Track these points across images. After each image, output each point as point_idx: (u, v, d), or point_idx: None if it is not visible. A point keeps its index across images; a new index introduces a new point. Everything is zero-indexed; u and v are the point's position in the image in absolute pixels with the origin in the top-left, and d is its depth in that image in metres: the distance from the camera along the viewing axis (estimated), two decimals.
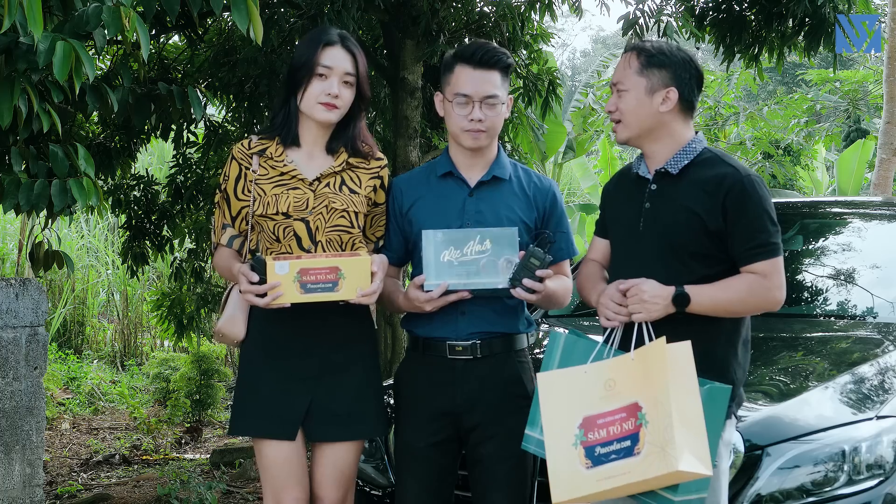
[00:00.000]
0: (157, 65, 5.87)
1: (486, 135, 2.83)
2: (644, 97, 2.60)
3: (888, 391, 3.12)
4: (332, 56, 2.81)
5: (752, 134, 12.82)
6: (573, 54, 43.19)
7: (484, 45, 2.86)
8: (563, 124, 12.21)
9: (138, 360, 10.98)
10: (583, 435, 2.39)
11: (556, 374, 2.52)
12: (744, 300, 2.53)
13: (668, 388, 2.31)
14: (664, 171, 2.62)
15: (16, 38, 3.17)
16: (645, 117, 2.61)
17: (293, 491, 2.83)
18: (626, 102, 2.62)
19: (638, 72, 2.61)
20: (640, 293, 2.50)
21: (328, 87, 2.79)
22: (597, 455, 2.36)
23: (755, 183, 2.56)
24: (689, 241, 2.56)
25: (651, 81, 2.60)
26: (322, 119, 2.83)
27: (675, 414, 2.29)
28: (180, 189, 6.50)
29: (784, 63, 6.08)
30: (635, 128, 2.63)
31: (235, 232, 2.91)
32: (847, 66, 19.03)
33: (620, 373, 2.43)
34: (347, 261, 2.69)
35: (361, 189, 2.88)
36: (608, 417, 2.38)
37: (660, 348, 2.37)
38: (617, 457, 2.34)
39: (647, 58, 2.61)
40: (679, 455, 2.25)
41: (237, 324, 2.87)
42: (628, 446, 2.33)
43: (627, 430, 2.35)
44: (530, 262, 2.69)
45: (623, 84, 2.63)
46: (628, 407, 2.37)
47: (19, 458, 3.97)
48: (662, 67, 2.60)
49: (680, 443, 2.27)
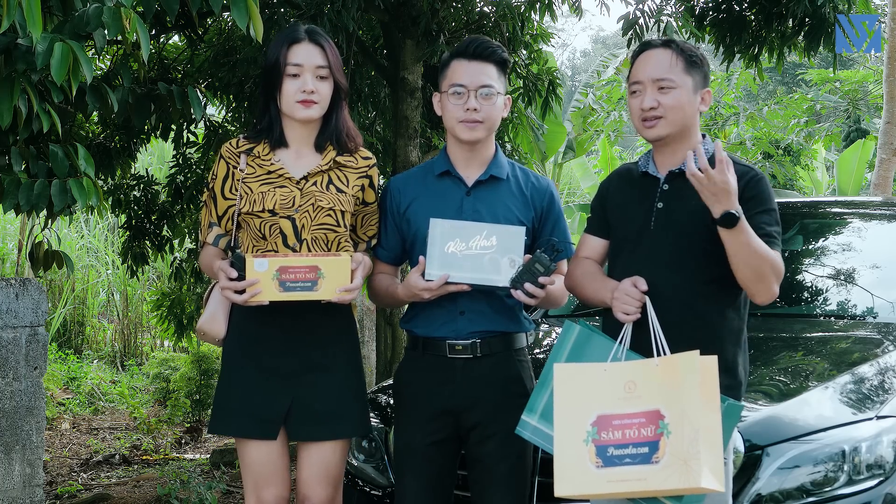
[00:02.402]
0: (157, 65, 5.87)
1: (483, 126, 2.83)
2: (692, 96, 2.64)
3: (888, 391, 3.12)
4: (299, 53, 2.81)
5: (752, 134, 12.83)
6: (573, 54, 43.24)
7: (478, 38, 2.88)
8: (563, 124, 12.21)
9: (138, 360, 10.98)
10: (596, 433, 2.37)
11: (575, 367, 2.50)
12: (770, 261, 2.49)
13: (697, 402, 2.31)
14: (679, 171, 2.63)
15: (15, 39, 3.17)
16: (688, 116, 2.64)
17: (274, 489, 2.84)
18: (675, 98, 2.61)
19: (685, 70, 2.63)
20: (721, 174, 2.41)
21: (302, 85, 2.79)
22: (609, 455, 2.35)
23: (767, 181, 2.63)
24: (704, 240, 2.55)
25: (695, 81, 2.64)
26: (303, 117, 2.82)
27: (703, 430, 2.28)
28: (180, 189, 6.50)
29: (784, 63, 6.08)
30: (678, 124, 2.63)
31: (221, 231, 2.90)
32: (847, 66, 19.03)
33: (643, 377, 2.40)
34: (327, 260, 2.69)
35: (349, 188, 2.88)
36: (626, 420, 2.36)
37: (691, 360, 2.35)
38: (632, 461, 2.32)
39: (688, 57, 2.64)
40: (702, 471, 2.25)
41: (217, 322, 2.86)
42: (646, 453, 2.31)
43: (646, 437, 2.33)
44: (535, 267, 2.69)
45: (671, 81, 2.62)
46: (649, 413, 2.35)
47: (19, 458, 3.97)
48: (700, 68, 2.65)
49: (704, 458, 2.26)
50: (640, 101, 2.64)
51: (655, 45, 2.68)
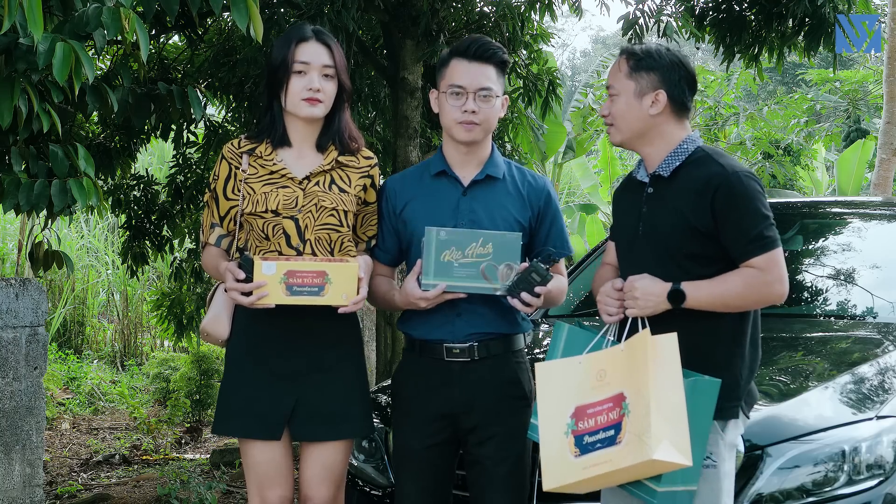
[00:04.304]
0: (157, 65, 5.87)
1: (480, 128, 2.82)
2: (633, 100, 2.61)
3: (888, 391, 3.12)
4: (307, 51, 2.81)
5: (752, 134, 12.83)
6: (573, 54, 43.20)
7: (479, 38, 2.86)
8: (563, 124, 12.20)
9: (138, 360, 10.99)
10: (574, 424, 2.44)
11: (553, 363, 2.56)
12: (742, 294, 2.52)
13: (648, 378, 2.35)
14: (658, 174, 2.63)
15: (16, 39, 3.17)
16: (634, 120, 2.63)
17: (278, 489, 2.84)
18: (617, 106, 2.64)
19: (627, 75, 2.63)
20: (632, 290, 2.53)
21: (308, 83, 2.79)
22: (584, 444, 2.41)
23: (742, 179, 2.52)
24: (683, 244, 2.56)
25: (640, 84, 2.61)
26: (307, 115, 2.81)
27: (654, 403, 2.32)
28: (180, 189, 6.50)
29: (784, 63, 6.09)
30: (626, 131, 2.65)
31: (224, 231, 2.90)
32: (847, 66, 19.02)
33: (611, 364, 2.47)
34: (335, 266, 2.69)
35: (351, 188, 2.88)
36: (597, 407, 2.43)
37: (644, 339, 2.41)
38: (602, 445, 2.39)
39: (635, 61, 2.62)
40: (655, 444, 2.28)
41: (221, 323, 2.87)
42: (612, 435, 2.38)
43: (612, 420, 2.40)
44: (531, 276, 2.69)
45: (614, 88, 2.65)
46: (615, 397, 2.41)
47: (19, 458, 3.97)
48: (651, 70, 2.61)
49: (656, 432, 2.29)
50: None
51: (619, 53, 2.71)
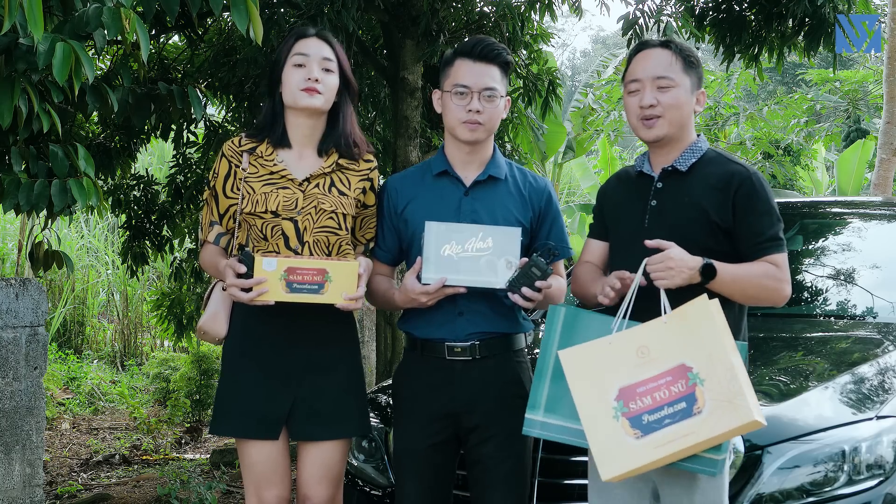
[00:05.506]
0: (157, 65, 5.87)
1: (484, 128, 2.82)
2: (689, 95, 2.66)
3: (888, 391, 3.12)
4: (306, 45, 2.82)
5: (752, 134, 12.82)
6: (573, 54, 43.22)
7: (484, 39, 2.86)
8: (563, 124, 12.21)
9: (138, 360, 10.99)
10: (623, 406, 2.36)
11: (579, 348, 2.47)
12: (760, 284, 2.55)
13: (723, 342, 2.32)
14: (672, 168, 2.65)
15: (16, 39, 3.17)
16: (686, 115, 2.66)
17: (275, 489, 2.84)
18: (674, 97, 2.63)
19: (683, 70, 2.66)
20: (668, 259, 2.48)
21: (307, 73, 2.79)
22: (645, 423, 2.33)
23: (762, 180, 2.63)
24: (699, 237, 2.57)
25: (692, 81, 2.67)
26: (306, 105, 2.80)
27: (735, 368, 2.29)
28: (180, 189, 6.50)
29: (784, 63, 6.09)
30: (676, 124, 2.65)
31: (223, 229, 2.90)
32: (847, 66, 19.03)
33: (654, 338, 2.40)
34: (335, 264, 2.69)
35: (350, 191, 2.87)
36: (650, 384, 2.36)
37: (703, 306, 2.36)
38: (672, 421, 2.31)
39: (686, 57, 2.66)
40: (754, 405, 2.26)
41: (218, 321, 2.86)
42: (685, 408, 2.31)
43: (679, 393, 2.32)
44: (532, 271, 2.69)
45: (671, 79, 2.64)
46: (674, 370, 2.34)
47: (19, 458, 3.97)
48: (696, 69, 2.68)
49: (749, 393, 2.27)
50: (638, 100, 2.65)
51: (654, 45, 2.70)
